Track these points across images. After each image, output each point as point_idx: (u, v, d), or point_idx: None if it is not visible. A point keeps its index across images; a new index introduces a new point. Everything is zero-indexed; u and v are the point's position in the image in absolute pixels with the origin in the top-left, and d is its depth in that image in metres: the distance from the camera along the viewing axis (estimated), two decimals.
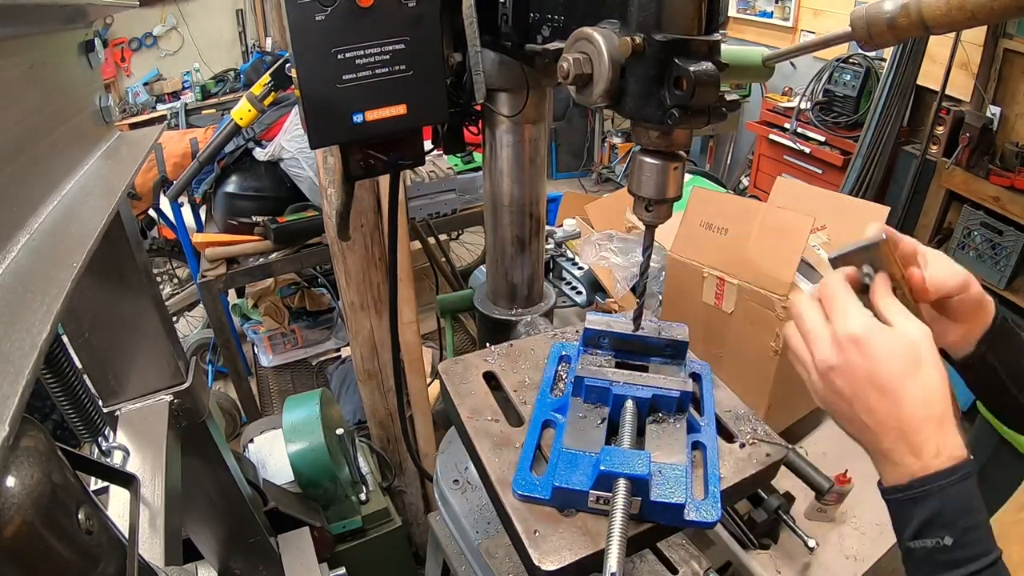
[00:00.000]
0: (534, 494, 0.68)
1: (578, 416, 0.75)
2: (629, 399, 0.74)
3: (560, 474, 0.67)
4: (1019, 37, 2.90)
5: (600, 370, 0.77)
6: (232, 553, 1.17)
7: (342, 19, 0.73)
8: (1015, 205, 2.80)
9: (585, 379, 0.75)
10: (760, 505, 1.28)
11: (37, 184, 0.53)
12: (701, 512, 0.66)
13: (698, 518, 0.66)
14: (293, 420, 1.51)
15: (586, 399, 0.76)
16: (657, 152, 0.68)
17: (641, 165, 0.69)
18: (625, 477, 0.62)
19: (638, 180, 0.70)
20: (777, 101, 4.14)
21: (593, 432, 0.73)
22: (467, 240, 3.68)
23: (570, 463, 0.68)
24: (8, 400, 0.33)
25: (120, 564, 0.51)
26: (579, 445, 0.71)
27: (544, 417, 0.77)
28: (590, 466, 0.67)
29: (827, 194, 1.78)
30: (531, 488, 0.68)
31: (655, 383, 0.75)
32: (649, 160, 0.69)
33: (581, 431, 0.73)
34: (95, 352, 0.84)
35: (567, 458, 0.69)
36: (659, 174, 0.69)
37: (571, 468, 0.68)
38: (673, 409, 0.75)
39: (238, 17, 5.59)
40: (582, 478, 0.66)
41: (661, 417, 0.75)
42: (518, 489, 0.68)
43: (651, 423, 0.75)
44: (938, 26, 0.56)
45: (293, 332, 2.91)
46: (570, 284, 2.09)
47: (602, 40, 0.63)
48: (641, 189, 0.70)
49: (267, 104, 1.69)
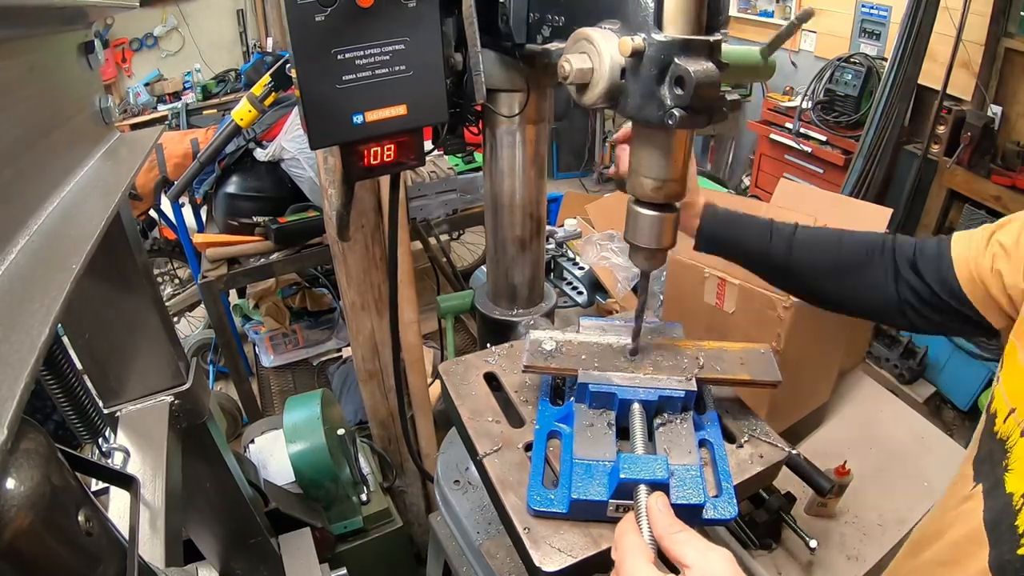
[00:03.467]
0: (551, 508, 0.66)
1: (585, 424, 0.73)
2: (635, 402, 0.73)
3: (577, 486, 0.65)
4: (1020, 36, 2.89)
5: (604, 375, 0.76)
6: (233, 554, 1.17)
7: (342, 19, 0.73)
8: (1016, 204, 2.80)
9: (589, 385, 0.74)
10: (762, 505, 1.28)
11: (37, 185, 0.53)
12: (719, 509, 0.66)
13: (716, 516, 0.66)
14: (294, 420, 1.51)
15: (591, 405, 0.75)
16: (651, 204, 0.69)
17: (636, 216, 0.70)
18: (645, 483, 0.61)
19: (633, 230, 0.71)
20: (778, 101, 4.14)
21: (603, 439, 0.71)
22: (468, 240, 3.68)
23: (585, 474, 0.67)
24: (7, 403, 0.33)
25: (120, 565, 0.51)
26: (592, 454, 0.69)
27: (548, 428, 0.76)
28: (606, 475, 0.66)
29: (830, 195, 1.79)
30: (547, 503, 0.66)
31: (659, 384, 0.74)
32: (644, 211, 0.69)
33: (591, 439, 0.71)
34: (95, 353, 0.84)
35: (582, 469, 0.67)
36: (654, 225, 0.69)
37: (587, 479, 0.66)
38: (678, 409, 0.75)
39: (239, 17, 5.59)
40: (600, 488, 0.65)
41: (667, 418, 0.75)
42: (533, 506, 0.66)
43: (658, 425, 0.74)
44: None
45: (294, 332, 2.91)
46: (571, 284, 2.09)
47: (602, 40, 0.63)
48: (636, 239, 0.71)
49: (268, 104, 1.69)
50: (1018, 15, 2.86)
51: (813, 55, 4.14)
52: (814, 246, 0.85)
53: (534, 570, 0.63)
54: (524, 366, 0.78)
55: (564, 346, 0.80)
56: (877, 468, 1.54)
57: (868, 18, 3.74)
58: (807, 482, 1.22)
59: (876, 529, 1.38)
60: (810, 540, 1.23)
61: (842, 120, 3.65)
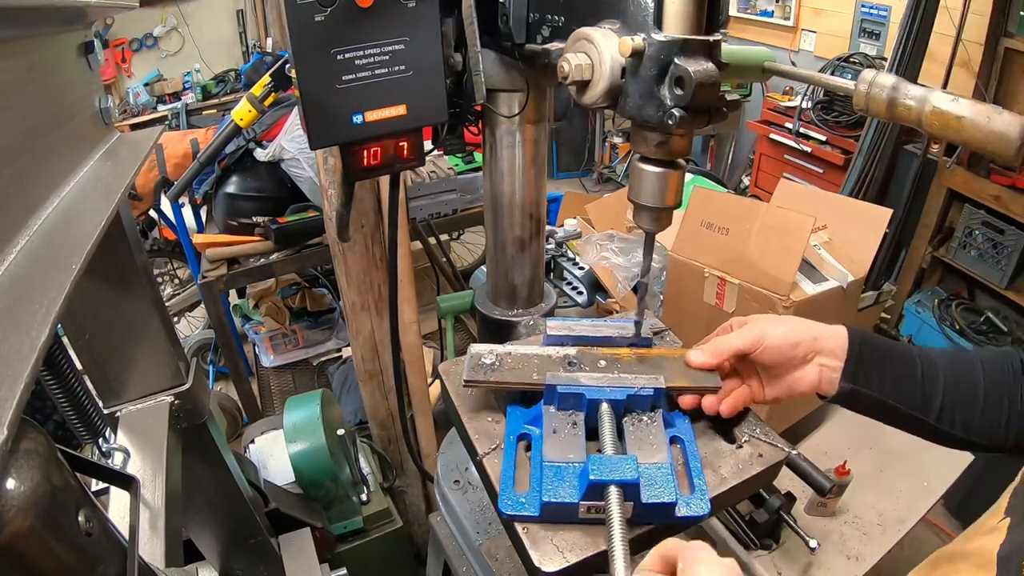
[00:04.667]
0: (521, 512, 0.66)
1: (553, 425, 0.73)
2: (604, 402, 0.73)
3: (547, 489, 0.65)
4: (1020, 36, 2.89)
5: (571, 375, 0.76)
6: (233, 554, 1.17)
7: (342, 20, 0.73)
8: (1016, 204, 2.80)
9: (557, 387, 0.74)
10: (762, 505, 1.28)
11: (36, 185, 0.53)
12: (691, 507, 0.66)
13: (689, 513, 0.65)
14: (294, 421, 1.51)
15: (559, 407, 0.74)
16: (656, 160, 0.68)
17: (640, 173, 0.69)
18: (615, 484, 0.61)
19: (637, 188, 0.70)
20: (778, 100, 4.13)
21: (572, 440, 0.71)
22: (468, 240, 3.68)
23: (556, 476, 0.66)
24: (7, 403, 0.33)
25: (120, 565, 0.51)
26: (561, 456, 0.69)
27: (518, 431, 0.75)
28: (576, 476, 0.66)
29: (829, 196, 1.78)
30: (518, 507, 0.66)
31: (627, 383, 0.74)
32: (648, 168, 0.68)
33: (560, 441, 0.71)
34: (95, 353, 0.84)
35: (552, 471, 0.67)
36: (658, 182, 0.68)
37: (557, 481, 0.66)
38: (647, 408, 0.74)
39: (238, 17, 5.59)
40: (570, 490, 0.65)
41: (636, 416, 0.74)
42: (504, 510, 0.66)
43: (627, 423, 0.74)
44: (930, 131, 0.57)
45: (294, 332, 2.91)
46: (571, 284, 2.09)
47: (602, 40, 0.63)
48: (640, 197, 0.70)
49: (267, 105, 1.69)
50: (1018, 15, 2.85)
51: (813, 55, 4.14)
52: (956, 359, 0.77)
53: (534, 570, 0.63)
54: (463, 380, 0.77)
55: (504, 359, 0.79)
56: (877, 468, 1.54)
57: (868, 18, 3.74)
58: (807, 482, 1.22)
59: (876, 529, 1.38)
60: (810, 540, 1.23)
61: (842, 120, 3.65)
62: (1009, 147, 0.52)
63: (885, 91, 0.59)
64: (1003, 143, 0.52)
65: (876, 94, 0.59)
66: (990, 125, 0.53)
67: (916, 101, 0.57)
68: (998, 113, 0.53)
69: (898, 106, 0.58)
